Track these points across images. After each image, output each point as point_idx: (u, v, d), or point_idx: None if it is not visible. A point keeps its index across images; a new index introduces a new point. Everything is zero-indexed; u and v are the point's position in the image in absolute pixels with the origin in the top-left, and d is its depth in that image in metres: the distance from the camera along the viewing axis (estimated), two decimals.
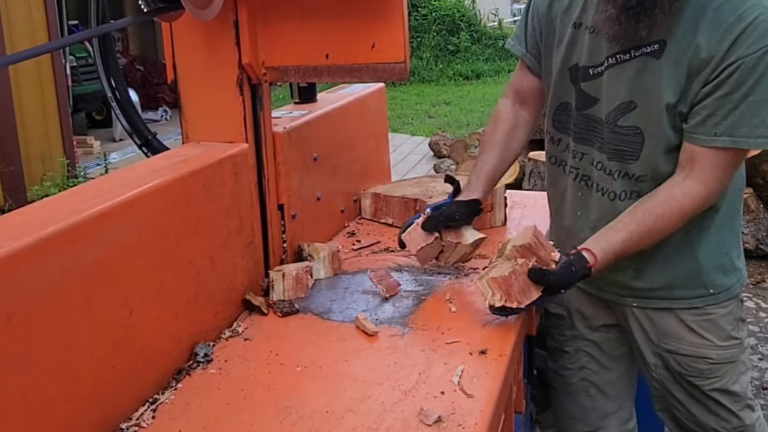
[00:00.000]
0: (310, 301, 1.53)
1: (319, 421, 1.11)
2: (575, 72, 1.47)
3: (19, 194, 5.76)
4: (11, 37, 5.90)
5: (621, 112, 1.40)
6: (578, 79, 1.47)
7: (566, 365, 1.72)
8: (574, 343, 1.69)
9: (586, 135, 1.48)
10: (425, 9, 12.75)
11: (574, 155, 1.52)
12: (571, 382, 1.72)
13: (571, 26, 1.47)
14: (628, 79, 1.38)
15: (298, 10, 1.47)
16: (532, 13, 1.56)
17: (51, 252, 1.00)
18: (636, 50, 1.36)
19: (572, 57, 1.47)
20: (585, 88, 1.46)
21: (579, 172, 1.52)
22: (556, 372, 1.77)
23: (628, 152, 1.42)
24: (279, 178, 1.63)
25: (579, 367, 1.70)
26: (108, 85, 1.61)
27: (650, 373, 1.59)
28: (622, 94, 1.39)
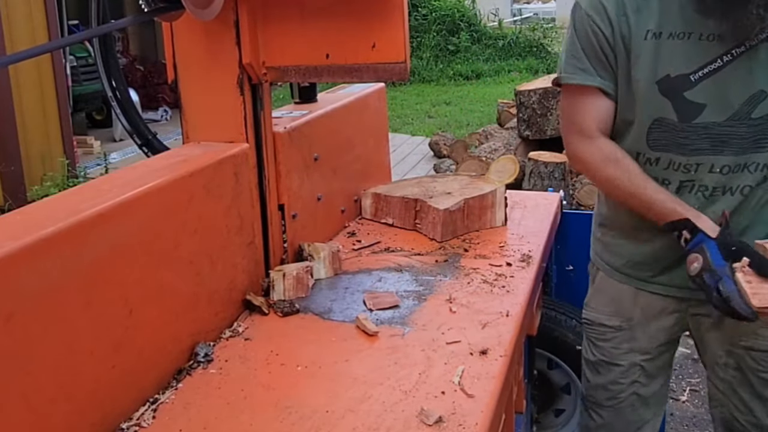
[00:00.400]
0: (311, 301, 1.53)
1: (319, 421, 1.11)
2: (668, 83, 1.40)
3: (19, 194, 5.76)
4: (11, 37, 5.90)
5: (753, 104, 1.37)
6: (676, 90, 1.40)
7: (618, 380, 1.68)
8: (631, 356, 1.65)
9: (699, 144, 1.43)
10: (425, 9, 12.75)
11: (686, 169, 1.45)
12: (620, 397, 1.69)
13: (648, 38, 1.41)
14: (751, 70, 1.36)
15: (299, 10, 1.47)
16: (591, 38, 1.46)
17: (51, 252, 1.00)
18: (751, 39, 1.34)
19: (659, 69, 1.41)
20: (689, 96, 1.40)
21: (694, 184, 1.45)
22: (603, 387, 1.71)
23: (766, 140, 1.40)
24: (279, 178, 1.63)
25: (631, 381, 1.67)
26: (108, 85, 1.61)
27: (717, 374, 1.58)
28: (750, 87, 1.36)
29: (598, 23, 1.45)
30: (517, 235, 1.90)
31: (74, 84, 7.72)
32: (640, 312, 1.63)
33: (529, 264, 1.70)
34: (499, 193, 1.97)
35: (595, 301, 1.72)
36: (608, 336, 1.68)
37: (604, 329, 1.69)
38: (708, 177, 1.45)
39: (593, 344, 1.73)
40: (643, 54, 1.42)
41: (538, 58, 12.41)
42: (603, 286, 1.69)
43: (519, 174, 5.20)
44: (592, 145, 1.51)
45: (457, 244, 1.85)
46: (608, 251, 1.67)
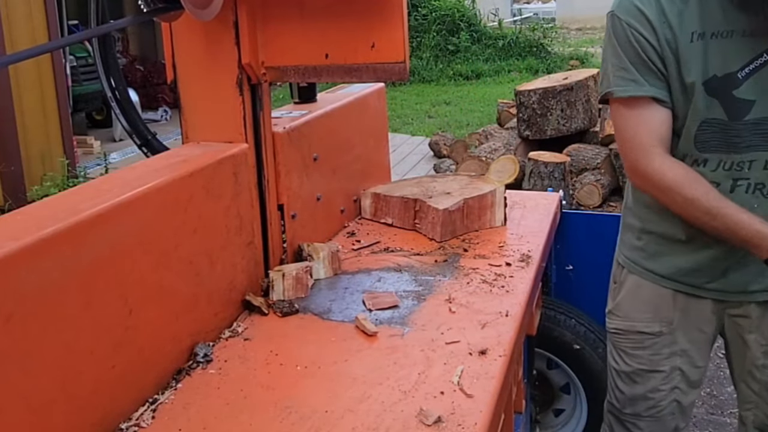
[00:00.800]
0: (310, 301, 1.53)
1: (319, 421, 1.11)
2: (715, 83, 1.40)
3: (19, 194, 5.76)
4: (11, 37, 5.91)
5: None
6: (725, 89, 1.40)
7: (659, 387, 1.65)
8: (671, 360, 1.63)
9: (752, 141, 1.42)
10: (425, 9, 12.75)
11: (739, 167, 1.44)
12: (661, 405, 1.66)
13: (692, 40, 1.40)
14: None
15: (298, 10, 1.47)
16: (636, 47, 1.43)
17: (51, 252, 1.00)
18: None
19: (707, 70, 1.40)
20: (738, 94, 1.39)
21: (749, 182, 1.44)
22: (642, 396, 1.67)
23: None
24: (279, 178, 1.63)
25: (671, 387, 1.64)
26: (108, 85, 1.61)
27: (753, 376, 1.56)
28: None
29: (641, 31, 1.42)
30: (517, 235, 1.91)
31: (74, 84, 7.72)
32: (680, 314, 1.60)
33: (528, 264, 1.70)
34: (499, 193, 1.97)
35: (627, 309, 1.67)
36: (647, 343, 1.64)
37: (641, 337, 1.64)
38: (763, 174, 1.44)
39: (627, 354, 1.67)
40: (691, 56, 1.40)
41: (538, 58, 12.41)
42: (638, 292, 1.65)
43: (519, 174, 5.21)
44: (656, 161, 1.45)
45: (456, 244, 1.85)
46: (652, 259, 1.62)
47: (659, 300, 1.62)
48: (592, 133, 5.72)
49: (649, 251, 1.63)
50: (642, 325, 1.64)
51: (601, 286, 1.79)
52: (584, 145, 5.60)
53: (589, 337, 2.17)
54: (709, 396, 2.89)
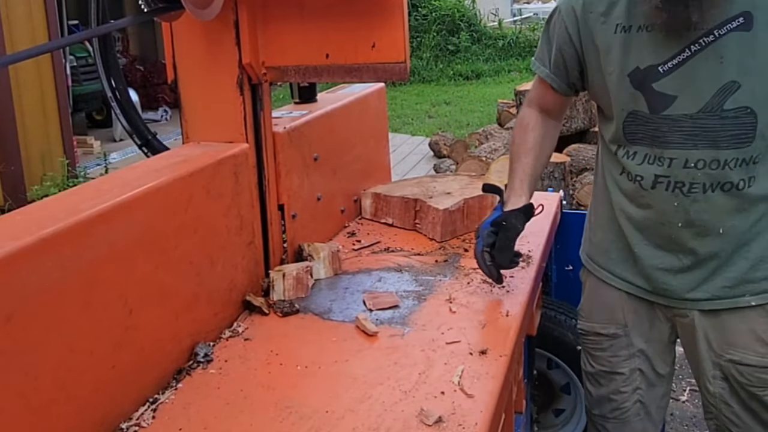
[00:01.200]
0: (310, 301, 1.53)
1: (319, 421, 1.11)
2: (638, 75, 1.40)
3: (19, 194, 5.76)
4: (11, 37, 5.90)
5: (724, 95, 1.34)
6: (646, 82, 1.39)
7: (621, 389, 1.63)
8: (630, 362, 1.61)
9: (672, 138, 1.40)
10: (425, 9, 12.75)
11: (660, 162, 1.42)
12: (625, 406, 1.65)
13: (618, 32, 1.41)
14: (721, 60, 1.33)
15: (298, 10, 1.47)
16: (558, 34, 1.51)
17: (51, 252, 1.00)
18: (719, 29, 1.32)
19: (630, 62, 1.40)
20: (658, 87, 1.39)
21: (669, 180, 1.42)
22: (606, 398, 1.66)
23: (742, 134, 1.36)
24: (279, 178, 1.63)
25: (634, 388, 1.63)
26: (108, 85, 1.61)
27: (707, 386, 1.54)
28: (720, 77, 1.33)
29: (564, 20, 1.49)
30: None
31: (74, 84, 7.72)
32: (633, 316, 1.59)
33: (528, 264, 1.70)
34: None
35: (588, 310, 1.68)
36: (605, 345, 1.63)
37: (600, 338, 1.64)
38: (683, 173, 1.40)
39: (591, 355, 1.68)
40: (614, 48, 1.41)
41: None
42: (596, 293, 1.65)
43: None
44: (524, 113, 1.66)
45: (456, 244, 1.85)
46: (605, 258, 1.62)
47: (613, 302, 1.61)
48: (592, 133, 5.72)
49: (602, 248, 1.62)
50: (599, 327, 1.64)
51: None
52: (584, 145, 5.60)
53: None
54: None
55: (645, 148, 1.44)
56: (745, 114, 1.34)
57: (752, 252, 1.43)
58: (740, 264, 1.44)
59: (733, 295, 1.45)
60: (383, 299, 1.51)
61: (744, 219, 1.42)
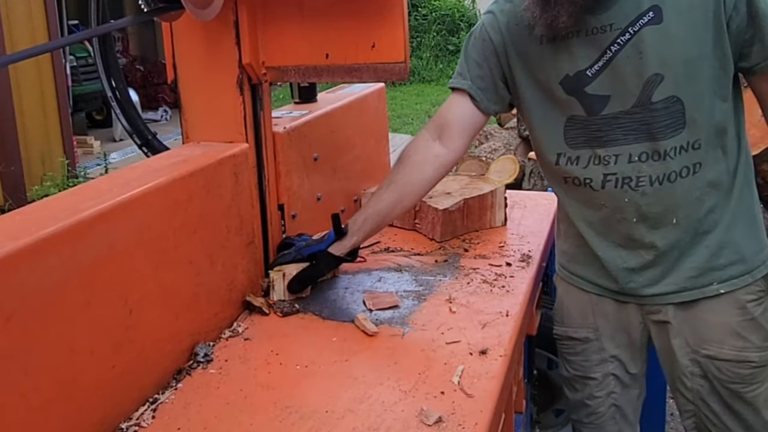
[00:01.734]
0: (310, 301, 1.53)
1: (319, 421, 1.11)
2: (569, 82, 1.43)
3: (19, 194, 5.77)
4: (11, 37, 5.91)
5: (650, 88, 1.37)
6: (578, 87, 1.42)
7: (594, 393, 1.64)
8: (603, 367, 1.62)
9: (613, 135, 1.42)
10: (425, 9, 12.76)
11: (606, 161, 1.44)
12: (599, 411, 1.65)
13: (543, 43, 1.44)
14: (641, 55, 1.36)
15: (298, 10, 1.47)
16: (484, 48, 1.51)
17: (51, 252, 1.00)
18: (633, 26, 1.35)
19: (560, 70, 1.43)
20: (590, 90, 1.41)
21: (617, 177, 1.43)
22: (581, 403, 1.68)
23: (674, 123, 1.38)
24: (279, 178, 1.63)
25: (608, 393, 1.63)
26: (108, 85, 1.61)
27: (684, 385, 1.54)
28: (642, 72, 1.36)
29: (489, 32, 1.51)
30: (517, 235, 1.91)
31: (74, 84, 7.72)
32: (603, 320, 1.59)
33: (528, 264, 1.70)
34: (499, 193, 1.97)
35: (560, 315, 1.68)
36: (578, 349, 1.64)
37: (573, 342, 1.65)
38: (629, 168, 1.42)
39: (566, 360, 1.69)
40: (541, 58, 1.44)
41: None
42: (567, 297, 1.66)
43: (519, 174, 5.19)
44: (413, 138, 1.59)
45: (456, 244, 1.85)
46: (573, 262, 1.62)
47: (583, 305, 1.61)
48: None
49: (570, 254, 1.63)
50: (572, 331, 1.64)
51: None
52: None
53: None
54: None
55: (588, 150, 1.46)
56: (672, 103, 1.37)
57: (712, 240, 1.44)
58: (701, 252, 1.45)
59: (701, 285, 1.46)
60: (383, 299, 1.51)
61: (696, 207, 1.43)
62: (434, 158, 1.54)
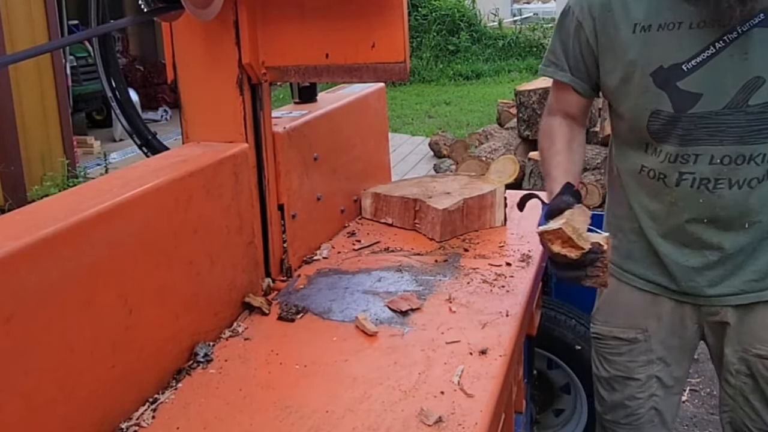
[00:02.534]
0: (310, 301, 1.53)
1: (319, 421, 1.11)
2: (661, 75, 1.39)
3: (19, 194, 5.76)
4: (11, 37, 5.91)
5: (749, 91, 1.34)
6: (670, 80, 1.39)
7: (635, 395, 1.63)
8: (648, 368, 1.61)
9: (697, 134, 1.40)
10: (425, 9, 12.75)
11: (684, 160, 1.41)
12: (639, 413, 1.64)
13: (637, 32, 1.40)
14: (745, 56, 1.33)
15: (298, 10, 1.47)
16: (575, 35, 1.48)
17: (51, 252, 1.00)
18: (742, 25, 1.32)
19: (652, 61, 1.39)
20: (683, 86, 1.38)
21: (694, 176, 1.42)
22: (620, 404, 1.66)
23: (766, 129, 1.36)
24: (279, 178, 1.63)
25: (649, 395, 1.62)
26: (108, 85, 1.61)
27: (728, 379, 1.55)
28: (744, 73, 1.34)
29: (581, 21, 1.47)
30: (517, 235, 1.91)
31: (74, 84, 7.72)
32: (655, 321, 1.58)
33: (528, 264, 1.70)
34: (499, 193, 1.97)
35: (606, 313, 1.66)
36: (623, 350, 1.62)
37: (618, 343, 1.62)
38: (708, 168, 1.41)
39: (606, 359, 1.66)
40: (634, 47, 1.41)
41: (538, 58, 12.39)
42: (616, 297, 1.63)
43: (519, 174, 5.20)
44: (547, 122, 1.61)
45: (456, 244, 1.85)
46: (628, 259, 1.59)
47: (634, 306, 1.60)
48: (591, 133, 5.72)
49: (624, 250, 1.60)
50: (618, 331, 1.62)
51: None
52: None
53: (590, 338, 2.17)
54: (709, 396, 2.89)
55: (669, 146, 1.43)
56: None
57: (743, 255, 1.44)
58: (766, 257, 1.45)
59: (760, 288, 1.46)
60: (404, 301, 1.49)
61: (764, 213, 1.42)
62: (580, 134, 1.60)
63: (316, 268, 1.71)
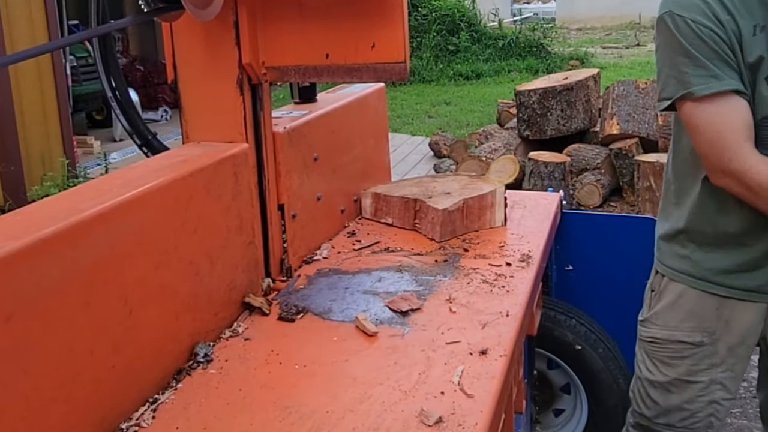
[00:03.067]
0: (311, 302, 1.53)
1: (319, 421, 1.11)
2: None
3: (19, 194, 5.76)
4: (11, 37, 5.90)
5: None
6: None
7: (696, 398, 1.61)
8: (711, 372, 1.59)
9: None
10: (425, 9, 12.75)
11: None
12: (697, 416, 1.62)
13: (755, 33, 1.36)
14: None
15: (298, 10, 1.47)
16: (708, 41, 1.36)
17: (51, 252, 1.00)
18: None
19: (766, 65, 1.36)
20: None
21: None
22: (677, 407, 1.63)
23: None
24: (279, 178, 1.63)
25: (709, 401, 1.60)
26: (108, 85, 1.61)
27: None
28: None
29: (708, 25, 1.36)
30: (517, 235, 1.91)
31: (74, 84, 7.72)
32: (723, 325, 1.56)
33: (528, 264, 1.70)
34: (499, 193, 1.97)
35: (667, 318, 1.62)
36: (686, 353, 1.60)
37: (681, 346, 1.60)
38: None
39: (664, 363, 1.63)
40: (755, 50, 1.36)
41: (538, 58, 12.41)
42: (680, 301, 1.60)
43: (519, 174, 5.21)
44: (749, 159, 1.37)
45: (456, 244, 1.85)
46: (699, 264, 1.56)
47: (702, 309, 1.57)
48: (592, 133, 5.72)
49: (696, 257, 1.56)
50: (682, 335, 1.59)
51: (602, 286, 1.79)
52: (584, 145, 5.60)
53: (590, 338, 2.17)
54: None
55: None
56: None
57: None
58: None
59: None
60: (404, 301, 1.49)
61: None
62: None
63: (316, 268, 1.71)
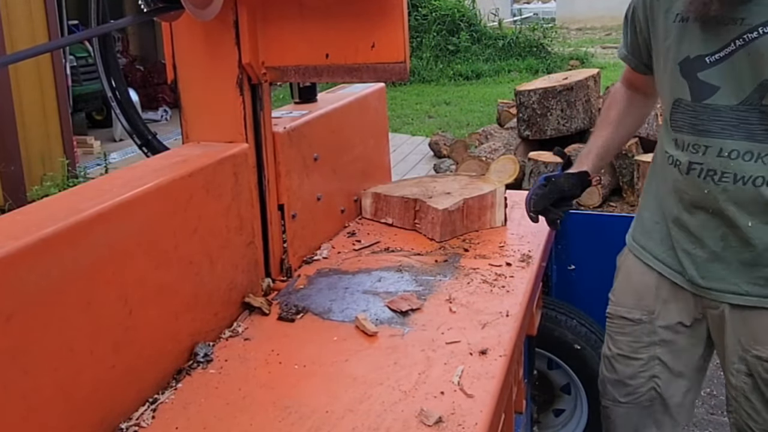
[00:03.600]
0: (310, 301, 1.53)
1: (319, 421, 1.11)
2: (687, 65, 1.45)
3: (19, 194, 5.76)
4: (11, 37, 5.90)
5: (763, 91, 1.36)
6: (693, 70, 1.44)
7: (637, 374, 1.67)
8: (650, 349, 1.65)
9: (708, 126, 1.44)
10: (425, 9, 12.74)
11: (695, 150, 1.46)
12: (639, 392, 1.68)
13: (675, 21, 1.47)
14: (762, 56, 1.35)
15: (298, 10, 1.47)
16: (632, 16, 1.61)
17: (51, 252, 1.00)
18: (764, 26, 1.34)
19: (682, 51, 1.45)
20: (702, 77, 1.42)
21: (702, 167, 1.45)
22: (620, 382, 1.71)
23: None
24: (279, 178, 1.63)
25: (650, 376, 1.66)
26: (108, 85, 1.61)
27: (730, 381, 1.56)
28: (759, 73, 1.36)
29: (637, 9, 1.60)
30: (517, 235, 1.91)
31: (74, 84, 7.71)
32: (661, 305, 1.61)
33: (528, 264, 1.70)
34: (499, 193, 1.97)
35: (618, 293, 1.71)
36: (627, 329, 1.67)
37: (623, 322, 1.68)
38: (716, 161, 1.43)
39: (611, 338, 1.72)
40: (672, 36, 1.47)
41: (538, 58, 12.41)
42: (630, 277, 1.69)
43: (519, 174, 5.21)
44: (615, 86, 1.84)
45: (456, 244, 1.85)
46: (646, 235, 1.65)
47: (644, 288, 1.64)
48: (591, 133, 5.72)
49: (647, 228, 1.65)
50: (625, 311, 1.68)
51: (602, 286, 1.79)
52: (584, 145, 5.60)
53: (590, 338, 2.17)
54: (709, 396, 2.89)
55: (685, 135, 1.48)
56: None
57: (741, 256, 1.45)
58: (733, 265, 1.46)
59: (764, 294, 1.46)
60: (403, 301, 1.49)
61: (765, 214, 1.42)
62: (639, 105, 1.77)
63: (316, 268, 1.71)
